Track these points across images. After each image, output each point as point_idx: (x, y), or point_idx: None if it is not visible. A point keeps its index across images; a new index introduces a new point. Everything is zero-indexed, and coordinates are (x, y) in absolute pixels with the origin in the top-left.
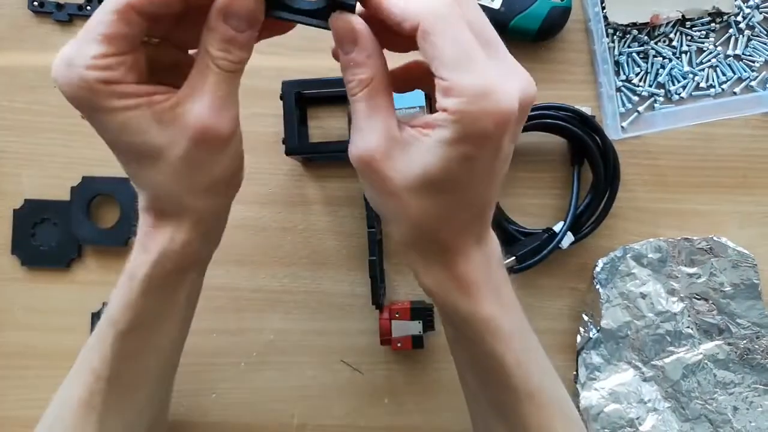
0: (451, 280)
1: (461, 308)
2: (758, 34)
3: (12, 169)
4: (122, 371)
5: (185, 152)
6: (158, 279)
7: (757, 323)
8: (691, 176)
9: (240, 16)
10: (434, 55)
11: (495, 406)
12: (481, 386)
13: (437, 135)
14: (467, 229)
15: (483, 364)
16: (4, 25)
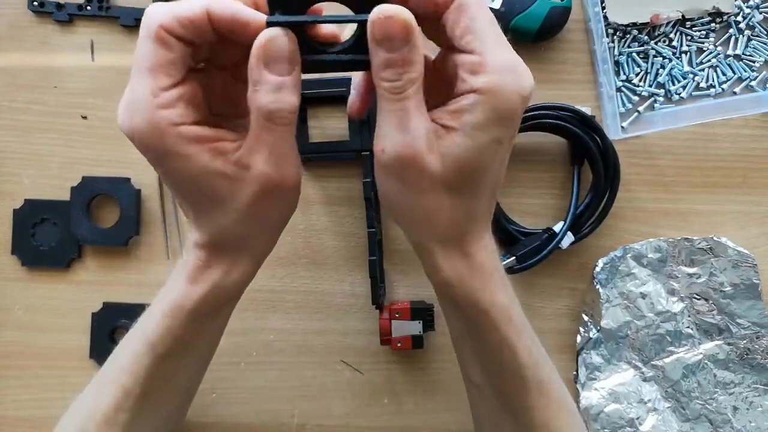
0: (471, 270)
1: (481, 298)
2: (758, 34)
3: (12, 169)
4: (153, 390)
5: (251, 202)
6: (204, 311)
7: (757, 323)
8: (691, 176)
9: (281, 58)
10: (469, 28)
11: (504, 400)
12: (491, 380)
13: (469, 121)
14: (485, 215)
15: (495, 356)
16: (5, 25)
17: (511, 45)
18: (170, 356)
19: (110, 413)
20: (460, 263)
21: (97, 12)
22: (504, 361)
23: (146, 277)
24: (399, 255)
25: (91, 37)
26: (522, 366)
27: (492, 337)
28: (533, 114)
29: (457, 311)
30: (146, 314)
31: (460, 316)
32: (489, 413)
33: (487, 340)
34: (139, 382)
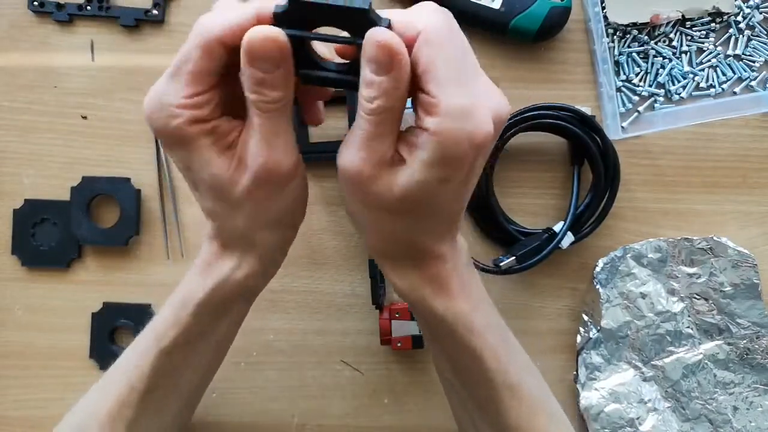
0: (424, 281)
1: (435, 306)
2: (758, 34)
3: (12, 169)
4: (157, 386)
5: (247, 190)
6: (212, 305)
7: (757, 323)
8: (691, 176)
9: (264, 59)
10: (427, 68)
11: (477, 403)
12: (462, 384)
13: (418, 157)
14: (438, 236)
15: (461, 362)
16: (5, 25)
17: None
18: (175, 352)
19: (114, 409)
20: (413, 275)
21: (97, 12)
22: (469, 366)
23: (146, 277)
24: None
25: (91, 37)
26: (488, 370)
27: (453, 343)
28: (533, 114)
29: (420, 317)
30: (157, 314)
31: (423, 323)
32: (468, 415)
33: (448, 345)
34: (144, 378)
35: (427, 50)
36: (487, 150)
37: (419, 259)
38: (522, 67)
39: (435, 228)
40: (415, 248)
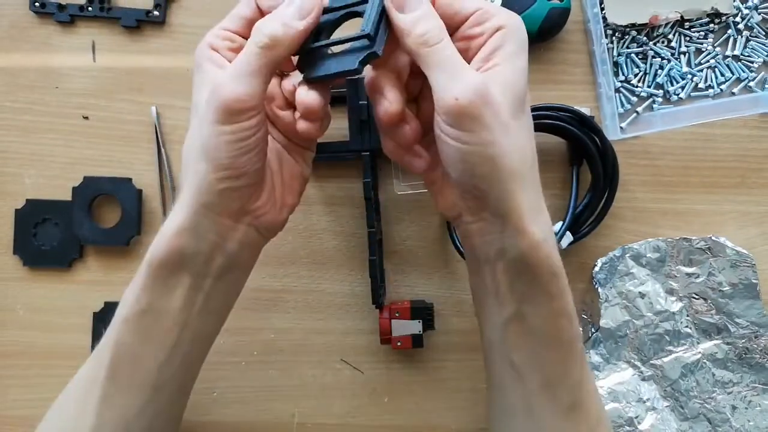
0: (549, 228)
1: (557, 261)
2: (756, 35)
3: (14, 169)
4: (120, 363)
5: (201, 109)
6: (156, 268)
7: (756, 323)
8: (689, 176)
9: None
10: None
11: (548, 379)
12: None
13: (507, 52)
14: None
15: (552, 327)
16: (6, 26)
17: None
18: (131, 321)
19: (87, 385)
20: (541, 217)
21: (99, 13)
22: (560, 332)
23: None
24: (399, 255)
25: (93, 37)
26: (574, 337)
27: (556, 305)
28: (533, 114)
29: (525, 281)
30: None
31: (523, 288)
32: (523, 398)
33: (549, 310)
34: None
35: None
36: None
37: (540, 198)
38: None
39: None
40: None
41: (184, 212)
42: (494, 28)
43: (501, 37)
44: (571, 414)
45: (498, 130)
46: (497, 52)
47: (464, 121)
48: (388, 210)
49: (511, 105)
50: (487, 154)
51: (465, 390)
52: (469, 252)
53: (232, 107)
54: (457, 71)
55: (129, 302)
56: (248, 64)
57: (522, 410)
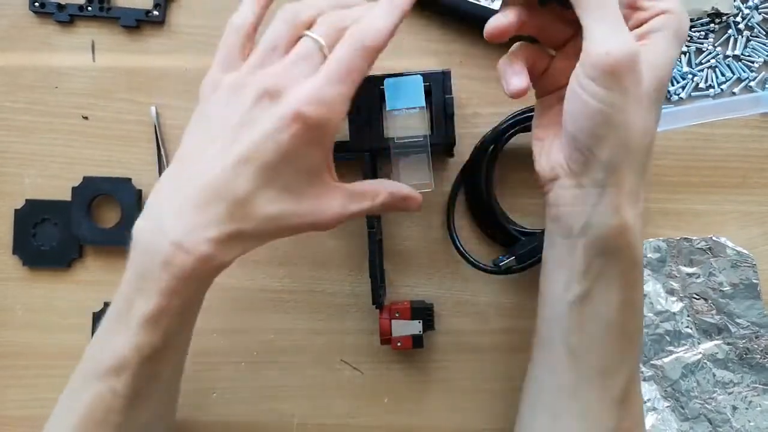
0: (641, 217)
1: (640, 249)
2: (757, 35)
3: (13, 169)
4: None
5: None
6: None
7: (756, 323)
8: (690, 176)
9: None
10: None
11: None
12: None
13: (663, 36)
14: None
15: (620, 315)
16: (6, 26)
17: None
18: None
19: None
20: (638, 204)
21: (98, 12)
22: (626, 322)
23: None
24: (399, 255)
25: (92, 37)
26: (637, 331)
27: (628, 294)
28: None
29: (604, 263)
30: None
31: (602, 270)
32: (572, 382)
33: (621, 297)
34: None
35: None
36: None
37: (642, 185)
38: None
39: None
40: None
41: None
42: (662, 9)
43: (664, 20)
44: (619, 406)
45: (633, 101)
46: (656, 34)
47: (607, 78)
48: None
49: (652, 85)
50: (616, 119)
51: (465, 390)
52: (554, 222)
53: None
54: (618, 28)
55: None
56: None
57: (569, 395)
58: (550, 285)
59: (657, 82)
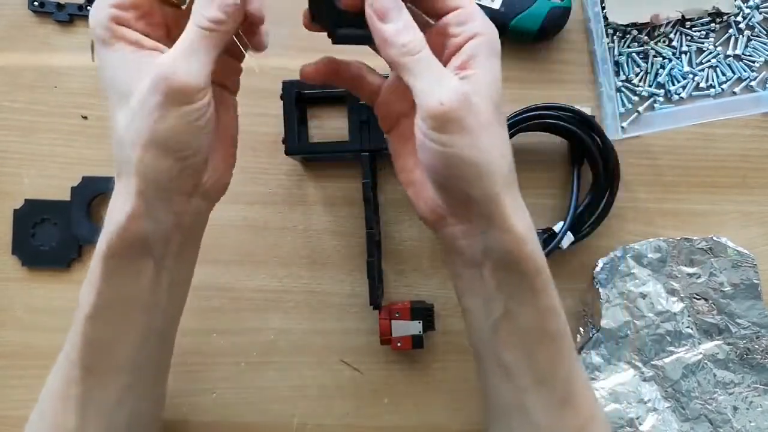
0: (531, 224)
1: (540, 257)
2: (758, 35)
3: (12, 169)
4: (93, 358)
5: (143, 96)
6: (113, 258)
7: (757, 323)
8: (690, 176)
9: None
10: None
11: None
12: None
13: (482, 60)
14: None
15: (539, 323)
16: (5, 25)
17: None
18: (96, 317)
19: (63, 387)
20: (524, 215)
21: None
22: (548, 327)
23: None
24: (398, 255)
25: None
26: (562, 333)
27: (543, 302)
28: (533, 114)
29: (511, 279)
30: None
31: (510, 286)
32: (516, 396)
33: (537, 306)
34: (78, 349)
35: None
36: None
37: (519, 196)
38: (522, 67)
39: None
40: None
41: (134, 200)
42: (472, 33)
43: (478, 45)
44: (563, 409)
45: (480, 132)
46: (475, 60)
47: (448, 125)
48: (388, 210)
49: (490, 109)
50: (470, 156)
51: (465, 391)
52: (455, 256)
53: (184, 90)
54: (442, 77)
55: (90, 299)
56: (196, 43)
57: (516, 409)
58: (470, 314)
59: (493, 103)
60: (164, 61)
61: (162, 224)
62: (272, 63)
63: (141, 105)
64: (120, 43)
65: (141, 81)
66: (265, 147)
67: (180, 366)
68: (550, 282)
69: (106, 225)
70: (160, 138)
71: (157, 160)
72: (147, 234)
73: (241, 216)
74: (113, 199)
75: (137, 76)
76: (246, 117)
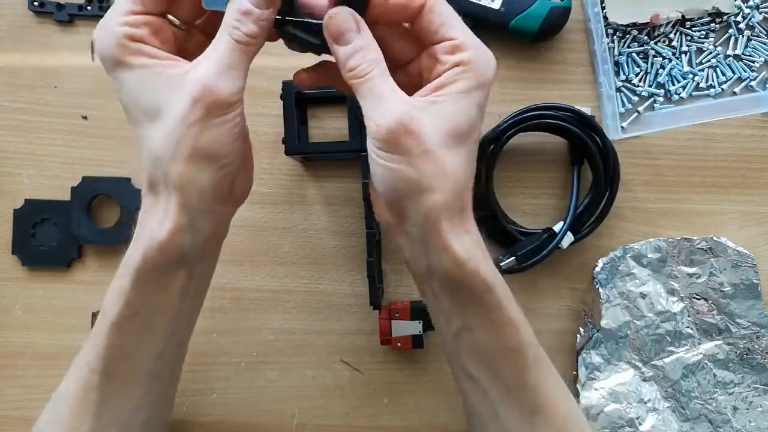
0: (474, 245)
1: (487, 273)
2: (758, 35)
3: (12, 169)
4: (114, 366)
5: (183, 110)
6: (148, 270)
7: (757, 323)
8: (690, 176)
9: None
10: (442, 22)
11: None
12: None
13: (456, 88)
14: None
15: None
16: (5, 25)
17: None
18: (124, 325)
19: (80, 393)
20: (465, 237)
21: (98, 12)
22: (507, 341)
23: None
24: (398, 255)
25: (92, 37)
26: (523, 344)
27: (497, 316)
28: (533, 114)
29: (461, 296)
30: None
31: (463, 303)
32: (489, 406)
33: (492, 320)
34: (100, 357)
35: (437, 11)
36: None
37: (465, 219)
38: (522, 67)
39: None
40: (464, 203)
41: (176, 214)
42: (457, 62)
43: (456, 73)
44: (533, 418)
45: (419, 157)
46: (447, 87)
47: (386, 145)
48: None
49: (443, 136)
50: (407, 177)
51: None
52: (409, 268)
53: (226, 102)
54: (382, 101)
55: (116, 308)
56: (233, 56)
57: (490, 418)
58: (437, 325)
59: (448, 130)
60: (202, 75)
61: (202, 235)
62: (272, 63)
63: (181, 119)
64: (140, 59)
65: (173, 96)
66: (265, 147)
67: None
68: (502, 298)
69: (141, 238)
70: (203, 149)
71: (200, 171)
72: (187, 246)
73: (241, 216)
74: (146, 215)
75: (167, 91)
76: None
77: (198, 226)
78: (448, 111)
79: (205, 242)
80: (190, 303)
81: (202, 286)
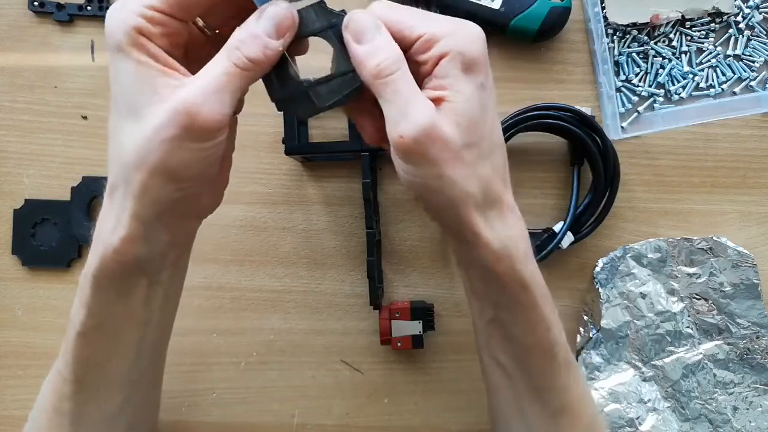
0: (512, 240)
1: (523, 271)
2: (758, 35)
3: (12, 169)
4: (84, 374)
5: (159, 124)
6: (105, 277)
7: (757, 323)
8: (690, 176)
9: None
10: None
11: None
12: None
13: (451, 82)
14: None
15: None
16: (5, 25)
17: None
18: (87, 334)
19: (55, 401)
20: (503, 232)
21: (98, 12)
22: (539, 340)
23: None
24: (398, 255)
25: (92, 37)
26: (555, 344)
27: (530, 315)
28: (533, 114)
29: (495, 289)
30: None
31: (496, 296)
32: (515, 399)
33: (525, 318)
34: (70, 366)
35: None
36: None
37: (501, 211)
38: (522, 67)
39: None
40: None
41: (130, 223)
42: (438, 56)
43: (445, 66)
44: (559, 418)
45: (446, 164)
46: (444, 82)
47: (410, 157)
48: (388, 210)
49: (465, 134)
50: (435, 187)
51: (465, 391)
52: (453, 256)
53: (205, 128)
54: (407, 106)
55: (80, 317)
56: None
57: (515, 412)
58: (472, 312)
59: (468, 125)
60: (189, 96)
61: (159, 245)
62: None
63: (155, 132)
64: (140, 54)
65: (155, 104)
66: (265, 147)
67: (180, 366)
68: (538, 297)
69: (97, 244)
70: (168, 168)
71: (161, 187)
72: (141, 255)
73: (241, 216)
74: (104, 215)
75: (151, 95)
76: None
77: (153, 236)
78: (459, 106)
79: (165, 252)
80: (160, 310)
81: (170, 292)
